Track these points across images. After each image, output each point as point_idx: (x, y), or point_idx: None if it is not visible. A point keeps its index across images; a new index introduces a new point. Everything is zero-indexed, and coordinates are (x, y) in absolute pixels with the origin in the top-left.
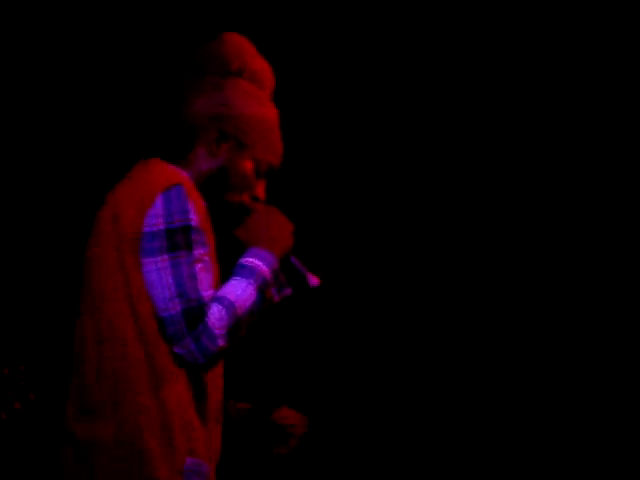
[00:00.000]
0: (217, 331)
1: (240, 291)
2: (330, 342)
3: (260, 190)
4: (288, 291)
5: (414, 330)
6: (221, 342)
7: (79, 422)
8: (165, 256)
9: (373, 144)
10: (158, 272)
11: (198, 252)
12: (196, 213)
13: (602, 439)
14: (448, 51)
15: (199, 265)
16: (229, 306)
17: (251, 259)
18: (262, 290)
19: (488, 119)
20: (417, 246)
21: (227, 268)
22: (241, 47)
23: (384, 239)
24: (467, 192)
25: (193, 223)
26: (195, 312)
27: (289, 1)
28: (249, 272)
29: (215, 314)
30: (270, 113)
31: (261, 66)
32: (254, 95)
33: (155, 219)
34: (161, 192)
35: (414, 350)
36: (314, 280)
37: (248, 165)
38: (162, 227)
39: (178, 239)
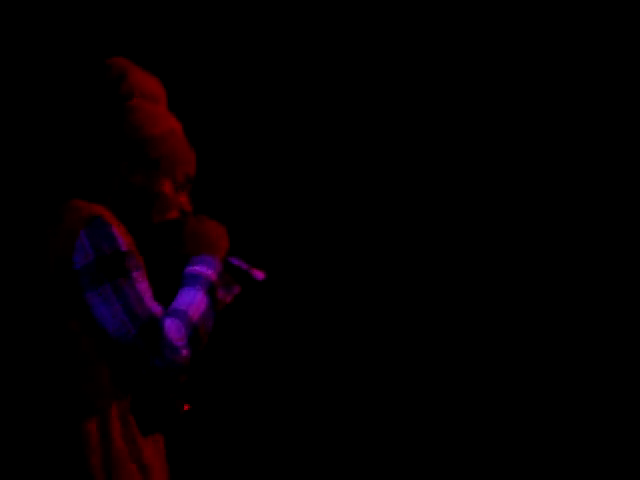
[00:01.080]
0: (178, 342)
1: (190, 299)
2: (316, 341)
3: (185, 203)
4: (237, 289)
5: (403, 327)
6: (185, 352)
7: None
8: (106, 285)
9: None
10: (104, 302)
11: (135, 274)
12: (122, 238)
13: (602, 439)
14: (435, 49)
15: (141, 285)
16: (183, 316)
17: (194, 267)
18: (211, 293)
19: (476, 118)
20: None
21: (171, 288)
22: (124, 70)
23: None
24: (453, 191)
25: (122, 248)
26: (151, 330)
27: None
28: (194, 279)
29: (171, 327)
30: (172, 125)
31: (149, 81)
32: (152, 113)
33: (84, 253)
34: (83, 227)
35: (404, 347)
36: (259, 274)
37: (166, 184)
38: (93, 258)
39: (113, 266)
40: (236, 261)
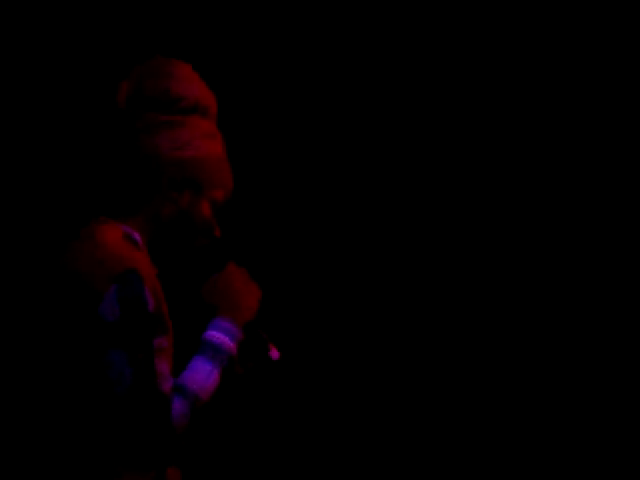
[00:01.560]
0: (178, 425)
1: (203, 377)
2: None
3: (217, 228)
4: (250, 364)
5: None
6: (181, 432)
7: None
8: (125, 349)
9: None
10: (119, 363)
11: (157, 341)
12: (152, 296)
13: (602, 439)
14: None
15: (158, 355)
16: (192, 399)
17: (216, 334)
18: (227, 370)
19: (476, 119)
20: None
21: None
22: (191, 80)
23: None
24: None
25: (150, 310)
26: (156, 409)
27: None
28: (214, 351)
29: (177, 410)
30: (220, 146)
31: (209, 97)
32: (208, 131)
33: (112, 309)
34: (115, 278)
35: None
36: (275, 354)
37: (208, 207)
38: (119, 317)
39: (137, 330)
40: (259, 331)
